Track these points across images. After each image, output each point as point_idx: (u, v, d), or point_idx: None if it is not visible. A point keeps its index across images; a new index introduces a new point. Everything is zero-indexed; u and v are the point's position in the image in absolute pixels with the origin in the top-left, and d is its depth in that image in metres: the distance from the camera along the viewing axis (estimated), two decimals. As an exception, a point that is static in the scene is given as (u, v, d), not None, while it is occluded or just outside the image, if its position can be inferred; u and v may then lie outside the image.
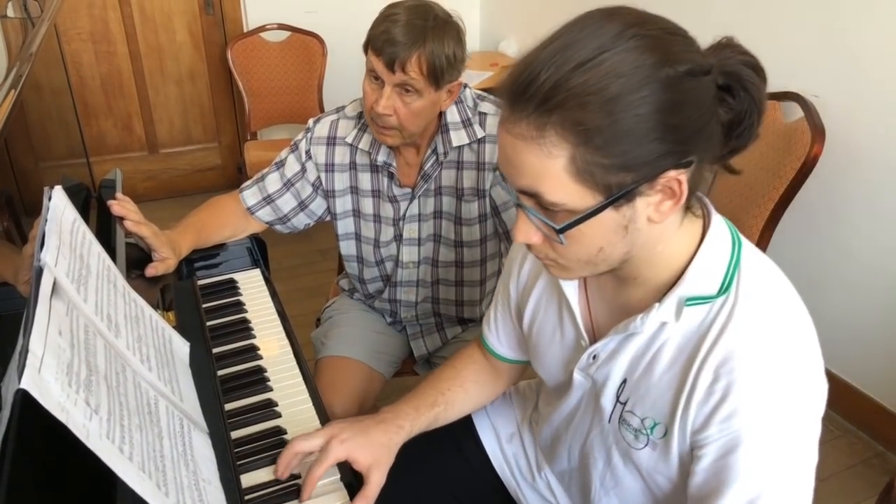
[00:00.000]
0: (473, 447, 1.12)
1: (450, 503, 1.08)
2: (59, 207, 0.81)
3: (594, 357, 0.83)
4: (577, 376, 0.87)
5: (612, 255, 0.72)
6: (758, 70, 0.70)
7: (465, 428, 1.11)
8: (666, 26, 0.67)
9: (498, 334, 1.05)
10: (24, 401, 0.54)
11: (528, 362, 1.05)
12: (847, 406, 2.09)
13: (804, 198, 1.93)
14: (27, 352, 0.55)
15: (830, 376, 2.48)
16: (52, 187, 0.84)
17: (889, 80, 1.84)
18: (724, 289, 0.73)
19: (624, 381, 0.81)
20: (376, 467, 0.90)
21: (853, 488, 1.88)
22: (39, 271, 0.68)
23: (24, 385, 0.52)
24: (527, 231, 0.72)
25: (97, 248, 0.88)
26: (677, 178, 0.66)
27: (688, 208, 0.75)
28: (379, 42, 1.18)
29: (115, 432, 0.62)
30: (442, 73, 1.20)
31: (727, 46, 0.70)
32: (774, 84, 2.27)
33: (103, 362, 0.69)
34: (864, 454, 1.99)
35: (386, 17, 1.20)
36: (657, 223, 0.70)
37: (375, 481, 0.89)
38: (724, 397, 0.71)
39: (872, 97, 1.89)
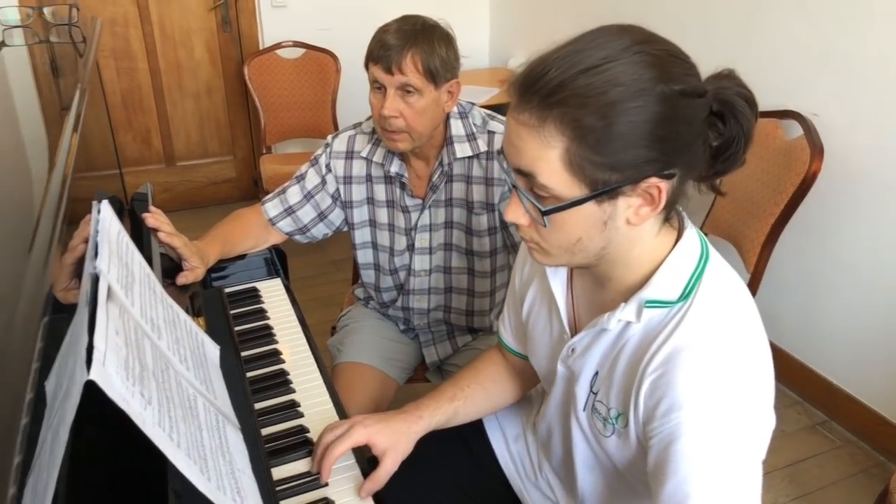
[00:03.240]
0: (482, 446, 1.18)
1: (460, 499, 1.14)
2: (107, 219, 0.89)
3: (572, 350, 0.91)
4: (560, 367, 0.94)
5: (590, 248, 0.78)
6: (751, 103, 0.76)
7: (474, 428, 1.18)
8: (670, 49, 0.74)
9: (510, 329, 1.12)
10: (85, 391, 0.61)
11: None
12: (848, 417, 2.14)
13: (804, 213, 1.99)
14: (93, 348, 0.62)
15: (832, 388, 2.52)
16: (99, 200, 0.91)
17: (887, 100, 1.90)
18: (684, 296, 0.79)
19: (596, 373, 0.88)
20: (392, 451, 0.97)
21: (854, 498, 1.93)
22: (96, 278, 0.75)
23: (92, 376, 0.59)
24: (517, 211, 0.79)
25: (138, 256, 0.95)
26: (658, 185, 0.73)
27: (666, 219, 0.81)
28: (375, 52, 1.29)
29: (165, 422, 0.69)
30: (437, 71, 1.29)
31: (726, 77, 0.76)
32: (775, 102, 2.34)
33: (151, 361, 0.76)
34: (865, 464, 2.04)
35: (378, 32, 1.32)
36: (634, 226, 0.77)
37: (388, 465, 0.96)
38: (666, 392, 0.76)
39: (871, 116, 1.95)
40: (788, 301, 2.26)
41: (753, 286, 2.01)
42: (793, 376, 2.28)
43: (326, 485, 0.96)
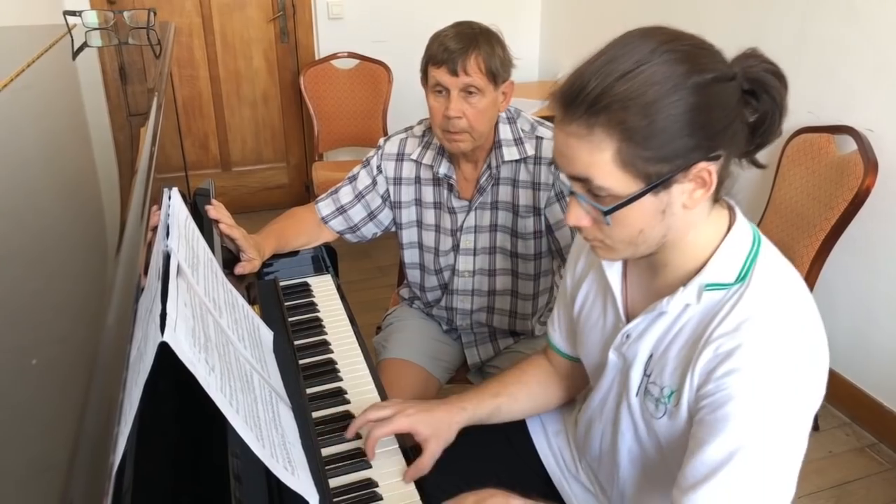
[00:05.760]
0: (523, 441, 1.20)
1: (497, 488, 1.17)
2: (177, 205, 0.95)
3: (627, 336, 0.94)
4: (612, 355, 0.97)
5: (651, 237, 0.82)
6: (779, 76, 0.80)
7: (515, 423, 1.20)
8: (695, 42, 0.79)
9: (559, 329, 1.14)
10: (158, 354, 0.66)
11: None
12: (899, 440, 2.08)
13: (855, 229, 1.96)
14: (166, 314, 0.67)
15: (882, 409, 2.46)
16: (170, 188, 0.98)
17: (944, 116, 1.87)
18: (741, 277, 0.83)
19: (650, 356, 0.91)
20: (434, 439, 1.01)
21: (902, 521, 1.88)
22: (167, 255, 0.81)
23: (165, 338, 0.64)
24: (578, 215, 0.83)
25: (202, 242, 1.01)
26: (707, 168, 0.77)
27: (716, 200, 0.85)
28: (438, 56, 1.34)
29: (226, 389, 0.73)
30: (497, 71, 1.35)
31: (752, 56, 0.81)
32: (829, 118, 2.31)
33: (213, 334, 0.81)
34: (915, 488, 1.98)
35: (436, 37, 1.37)
36: (690, 209, 0.81)
37: (431, 451, 1.00)
38: (725, 359, 0.80)
39: (927, 132, 1.91)
40: (838, 319, 2.21)
41: (801, 302, 1.98)
42: (841, 397, 2.23)
43: (370, 466, 1.00)
